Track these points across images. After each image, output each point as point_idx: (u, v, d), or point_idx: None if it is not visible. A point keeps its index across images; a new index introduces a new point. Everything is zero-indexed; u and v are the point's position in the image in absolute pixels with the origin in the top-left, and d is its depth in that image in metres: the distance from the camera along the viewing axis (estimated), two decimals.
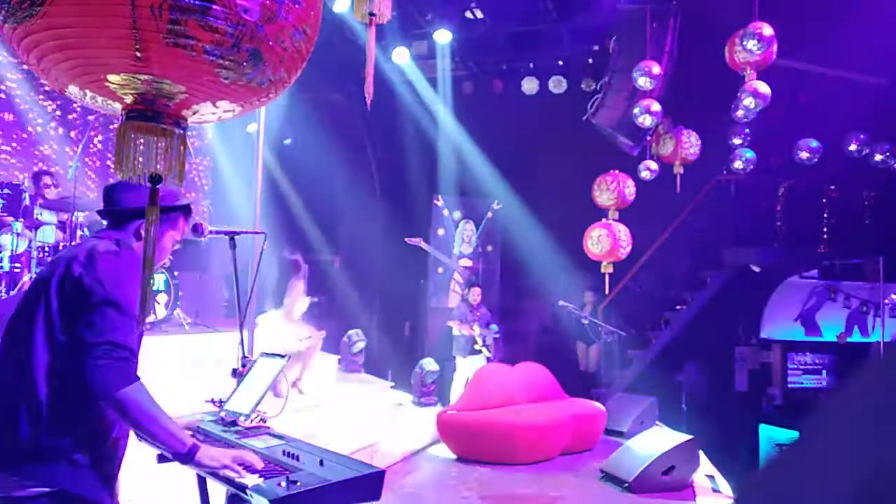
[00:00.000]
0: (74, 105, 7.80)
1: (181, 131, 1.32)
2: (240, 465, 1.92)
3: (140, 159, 1.27)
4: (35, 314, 1.81)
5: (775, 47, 6.07)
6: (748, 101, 6.35)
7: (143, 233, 1.98)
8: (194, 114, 1.34)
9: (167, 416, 1.83)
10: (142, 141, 1.27)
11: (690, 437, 5.24)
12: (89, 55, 1.17)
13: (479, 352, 7.45)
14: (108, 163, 8.17)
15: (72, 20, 1.12)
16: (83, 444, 1.79)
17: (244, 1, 1.15)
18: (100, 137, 8.23)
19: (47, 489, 1.74)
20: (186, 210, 2.15)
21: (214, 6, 1.13)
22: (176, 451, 1.85)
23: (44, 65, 1.23)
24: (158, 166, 1.27)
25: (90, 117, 7.71)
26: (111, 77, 1.21)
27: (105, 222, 2.09)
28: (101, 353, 1.72)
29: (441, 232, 10.27)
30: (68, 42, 1.15)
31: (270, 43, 1.22)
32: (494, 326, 7.64)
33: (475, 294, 7.66)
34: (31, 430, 1.74)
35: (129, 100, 1.27)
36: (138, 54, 1.14)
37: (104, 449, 1.86)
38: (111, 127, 7.99)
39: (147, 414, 1.77)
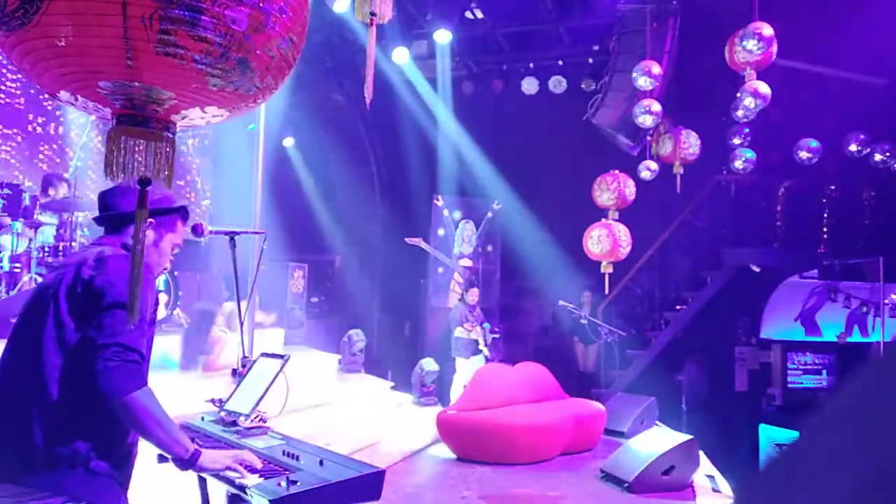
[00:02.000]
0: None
1: (170, 135, 1.34)
2: (240, 464, 1.92)
3: (132, 162, 1.29)
4: (44, 319, 1.79)
5: (775, 47, 6.07)
6: (748, 101, 6.35)
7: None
8: (183, 118, 1.37)
9: (172, 422, 1.84)
10: (131, 144, 1.29)
11: (690, 437, 5.24)
12: (81, 62, 1.20)
13: (481, 351, 7.45)
14: None
15: (65, 28, 1.15)
16: (100, 451, 1.78)
17: (232, 12, 1.17)
18: (100, 137, 8.23)
19: (69, 503, 1.72)
20: (183, 213, 2.14)
21: (203, 17, 1.15)
22: (179, 456, 1.85)
23: (36, 71, 1.25)
24: (147, 169, 1.30)
25: (86, 119, 7.71)
26: (102, 83, 1.23)
27: (102, 228, 2.08)
28: (111, 354, 1.71)
29: (441, 232, 10.26)
30: (61, 49, 1.18)
31: (258, 52, 1.25)
32: (487, 325, 7.64)
33: (474, 294, 7.67)
34: (45, 438, 1.72)
35: (119, 105, 1.29)
36: (129, 62, 1.17)
37: (120, 455, 1.84)
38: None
39: (154, 419, 1.76)
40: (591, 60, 9.75)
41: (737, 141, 8.64)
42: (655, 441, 5.23)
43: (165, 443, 1.81)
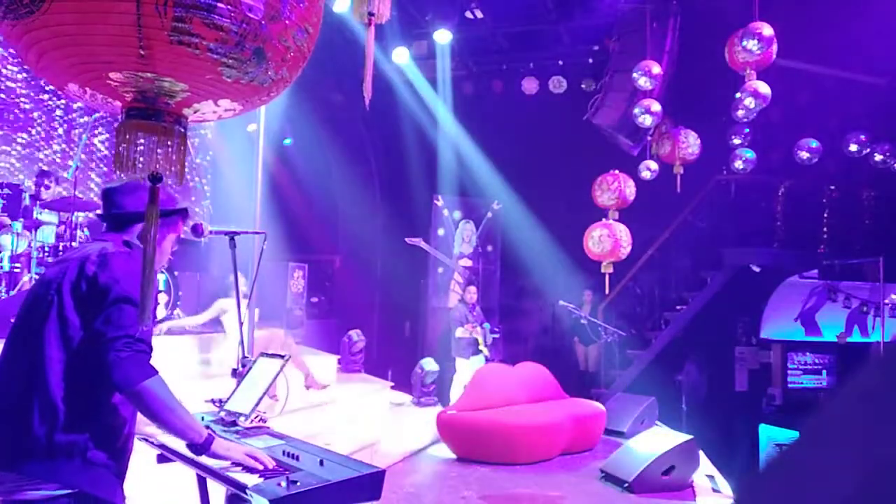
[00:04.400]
0: (76, 105, 7.80)
1: (182, 129, 1.31)
2: (253, 459, 1.94)
3: (140, 158, 1.26)
4: (46, 313, 1.83)
5: (775, 47, 6.06)
6: (748, 101, 6.35)
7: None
8: (195, 112, 1.33)
9: (184, 408, 1.88)
10: (142, 139, 1.27)
11: (690, 437, 5.24)
12: (91, 53, 1.17)
13: (481, 352, 7.45)
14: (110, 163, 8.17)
15: (74, 17, 1.11)
16: (97, 442, 1.81)
17: None
18: (101, 137, 8.22)
19: (64, 490, 1.75)
20: (184, 213, 2.18)
21: (219, 4, 1.12)
22: (193, 441, 1.90)
23: (43, 62, 1.22)
24: (158, 165, 1.27)
25: (88, 118, 7.70)
26: (112, 75, 1.20)
27: (104, 224, 2.09)
28: (123, 346, 1.76)
29: (441, 232, 10.26)
30: (69, 39, 1.15)
31: (274, 42, 1.22)
32: (487, 325, 7.64)
33: (472, 293, 7.67)
34: (44, 429, 1.75)
35: (129, 98, 1.26)
36: (142, 52, 1.14)
37: (116, 446, 1.88)
38: (114, 126, 7.98)
39: (167, 406, 1.82)
40: (591, 60, 9.74)
41: (737, 141, 8.64)
42: (655, 441, 5.23)
43: (179, 428, 1.86)
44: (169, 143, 1.28)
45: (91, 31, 1.13)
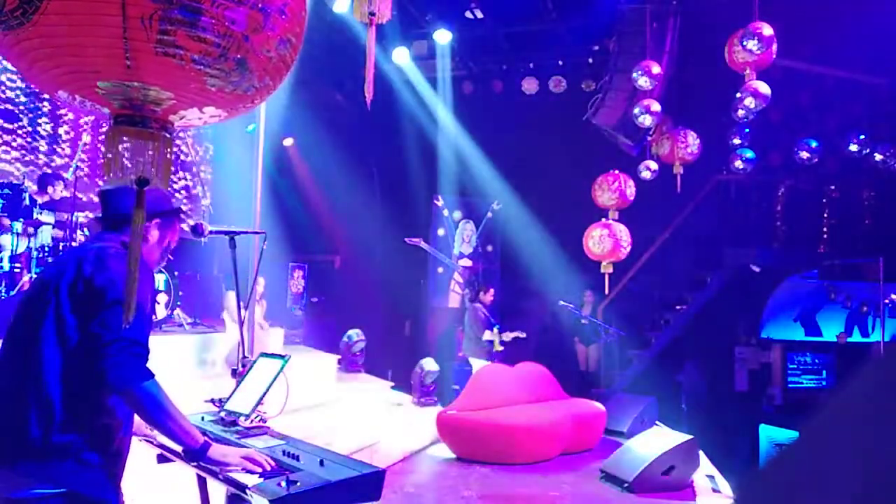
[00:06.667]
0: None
1: (168, 135, 1.35)
2: (250, 462, 1.94)
3: (128, 162, 1.31)
4: (44, 314, 1.83)
5: (775, 47, 6.06)
6: (748, 101, 6.35)
7: (146, 236, 2.00)
8: (181, 118, 1.37)
9: (180, 413, 1.88)
10: (129, 144, 1.31)
11: (690, 437, 5.24)
12: (80, 63, 1.20)
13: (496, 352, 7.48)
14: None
15: (63, 29, 1.14)
16: (93, 444, 1.82)
17: (231, 12, 1.18)
18: (100, 138, 8.22)
19: (58, 490, 1.76)
20: (178, 211, 2.19)
21: (203, 17, 1.15)
22: (189, 447, 1.89)
23: (34, 70, 1.25)
24: (145, 169, 1.32)
25: (86, 119, 7.70)
26: (101, 84, 1.23)
27: (102, 225, 2.09)
28: (119, 349, 1.76)
29: (441, 232, 10.26)
30: (59, 50, 1.18)
31: (257, 52, 1.26)
32: (497, 327, 7.67)
33: (490, 295, 7.70)
34: (40, 430, 1.76)
35: (117, 105, 1.30)
36: (128, 63, 1.17)
37: (112, 448, 1.88)
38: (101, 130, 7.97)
39: (163, 409, 1.82)
40: (591, 60, 9.74)
41: (737, 141, 8.64)
42: (655, 441, 5.23)
43: (176, 433, 1.86)
44: (155, 147, 1.32)
45: (80, 42, 1.16)
